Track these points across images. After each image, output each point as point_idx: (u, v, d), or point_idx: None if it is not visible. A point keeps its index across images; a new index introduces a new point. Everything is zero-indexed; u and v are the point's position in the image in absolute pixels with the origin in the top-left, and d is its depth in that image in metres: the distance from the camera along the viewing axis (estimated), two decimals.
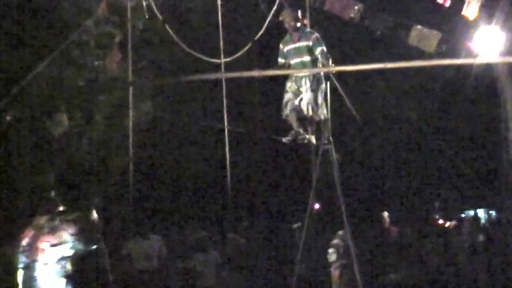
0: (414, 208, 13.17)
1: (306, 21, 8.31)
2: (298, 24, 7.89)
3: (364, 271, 7.59)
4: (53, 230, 5.11)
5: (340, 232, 8.97)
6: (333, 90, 8.11)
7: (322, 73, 7.90)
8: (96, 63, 9.40)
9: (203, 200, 11.65)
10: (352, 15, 9.08)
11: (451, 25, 9.92)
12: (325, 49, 7.81)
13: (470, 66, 10.92)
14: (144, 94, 9.72)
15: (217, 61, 8.82)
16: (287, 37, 7.99)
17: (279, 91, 8.06)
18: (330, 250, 9.05)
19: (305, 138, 8.09)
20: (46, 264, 5.04)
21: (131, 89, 8.15)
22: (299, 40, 7.85)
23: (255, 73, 7.51)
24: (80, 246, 5.19)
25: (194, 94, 10.88)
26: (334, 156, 7.88)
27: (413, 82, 13.73)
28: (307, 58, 7.82)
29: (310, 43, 7.79)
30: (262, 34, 8.67)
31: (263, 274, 9.38)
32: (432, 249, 10.39)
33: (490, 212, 14.01)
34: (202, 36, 10.66)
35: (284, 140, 8.07)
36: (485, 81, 11.94)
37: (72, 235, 5.21)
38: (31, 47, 8.60)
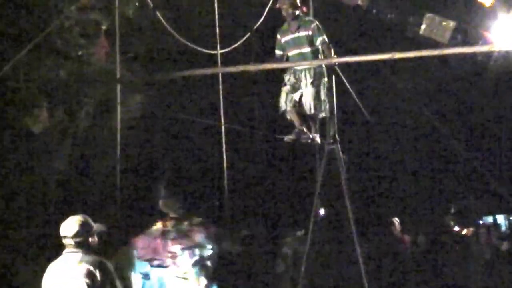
0: (428, 214, 13.13)
1: (305, 9, 8.27)
2: (297, 12, 7.77)
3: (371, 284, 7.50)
4: (181, 234, 5.32)
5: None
6: (340, 84, 8.07)
7: (323, 66, 7.78)
8: (80, 53, 9.38)
9: (197, 204, 11.53)
10: (359, 2, 9.08)
11: (466, 13, 9.92)
12: (326, 39, 7.68)
13: (488, 58, 10.83)
14: (133, 87, 9.67)
15: (213, 52, 8.80)
16: (285, 26, 7.86)
17: (280, 85, 8.02)
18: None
19: (309, 137, 8.02)
20: (178, 266, 5.25)
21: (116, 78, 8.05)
22: (297, 29, 7.71)
23: (250, 67, 7.40)
24: (216, 247, 5.47)
25: (188, 87, 10.78)
26: (341, 156, 7.83)
27: (426, 77, 13.67)
28: (306, 49, 7.68)
29: (310, 33, 7.65)
30: (262, 23, 8.65)
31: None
32: (448, 259, 10.26)
33: (511, 218, 14.03)
34: (197, 25, 10.66)
35: (286, 139, 8.00)
36: (504, 76, 12.03)
37: (206, 237, 5.46)
38: (7, 35, 8.56)
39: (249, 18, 9.29)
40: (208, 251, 5.51)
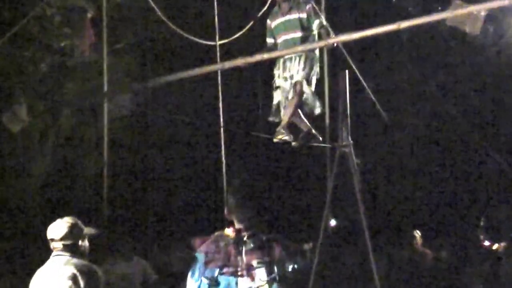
0: (453, 226, 12.96)
1: None
2: None
3: None
4: (258, 247, 5.31)
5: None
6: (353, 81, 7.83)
7: (317, 52, 7.51)
8: (63, 44, 9.42)
9: (194, 214, 11.50)
10: None
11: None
12: (324, 21, 7.46)
13: None
14: (122, 82, 9.59)
15: (211, 43, 8.71)
16: (275, 9, 7.65)
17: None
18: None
19: (319, 139, 7.93)
20: (253, 280, 5.31)
21: (105, 76, 8.07)
22: (289, 11, 7.48)
23: (239, 61, 6.89)
24: (295, 265, 5.53)
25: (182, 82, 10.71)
26: (354, 161, 7.63)
27: (455, 72, 13.48)
28: (298, 34, 7.42)
29: (304, 15, 7.43)
30: (266, 10, 8.29)
31: None
32: (476, 278, 10.21)
33: None
34: (193, 13, 10.60)
35: (294, 144, 7.87)
36: None
37: (286, 254, 5.49)
38: None
39: (252, 5, 9.32)
40: (288, 268, 5.51)
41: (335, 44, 6.94)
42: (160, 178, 11.03)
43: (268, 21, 7.67)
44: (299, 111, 7.70)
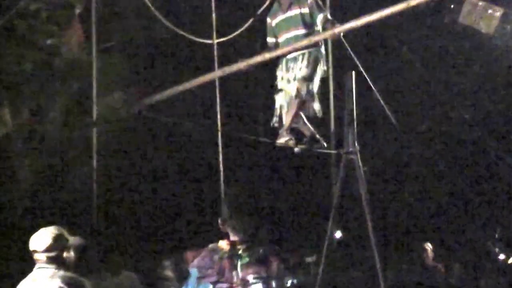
0: (466, 239, 12.87)
1: None
2: None
3: None
4: (255, 262, 5.34)
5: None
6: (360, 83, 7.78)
7: (322, 50, 7.37)
8: (49, 41, 9.36)
9: (188, 224, 11.34)
10: None
11: None
12: (328, 15, 7.35)
13: None
14: (113, 83, 9.62)
15: (208, 41, 8.72)
16: (275, 5, 7.48)
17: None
18: None
19: (323, 144, 7.81)
20: None
21: (95, 76, 8.06)
22: (289, 7, 7.33)
23: (240, 65, 6.82)
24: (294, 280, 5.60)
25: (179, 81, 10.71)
26: (361, 168, 7.55)
27: (465, 71, 13.37)
28: (300, 31, 7.27)
29: (306, 10, 7.27)
30: (266, 7, 8.22)
31: None
32: None
33: None
34: (189, 10, 10.58)
35: (297, 150, 7.69)
36: None
37: (284, 268, 5.54)
38: None
39: (251, 1, 9.18)
40: (287, 284, 5.67)
41: (342, 34, 6.74)
42: (153, 185, 10.97)
43: (268, 19, 7.56)
44: (302, 114, 7.58)
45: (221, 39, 8.67)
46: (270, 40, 7.54)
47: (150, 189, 10.80)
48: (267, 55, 7.00)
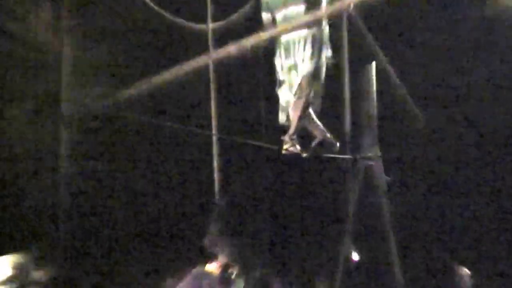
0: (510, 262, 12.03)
1: None
2: None
3: None
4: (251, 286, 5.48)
5: None
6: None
7: (326, 33, 6.91)
8: (13, 26, 8.95)
9: (179, 242, 10.78)
10: None
11: None
12: None
13: None
14: (87, 72, 9.26)
15: (202, 26, 8.76)
16: None
17: None
18: None
19: (337, 148, 7.42)
20: None
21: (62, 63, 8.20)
22: None
23: (231, 48, 6.54)
24: None
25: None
26: (383, 177, 7.85)
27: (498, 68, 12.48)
28: (300, 6, 6.84)
29: None
30: None
31: None
32: None
33: None
34: None
35: (305, 155, 7.36)
36: None
37: None
38: None
39: None
40: None
41: (351, 6, 6.64)
42: (132, 196, 10.50)
43: None
44: (311, 112, 7.15)
45: (216, 23, 8.66)
46: (265, 15, 7.18)
47: (126, 201, 10.39)
48: (262, 35, 6.71)
